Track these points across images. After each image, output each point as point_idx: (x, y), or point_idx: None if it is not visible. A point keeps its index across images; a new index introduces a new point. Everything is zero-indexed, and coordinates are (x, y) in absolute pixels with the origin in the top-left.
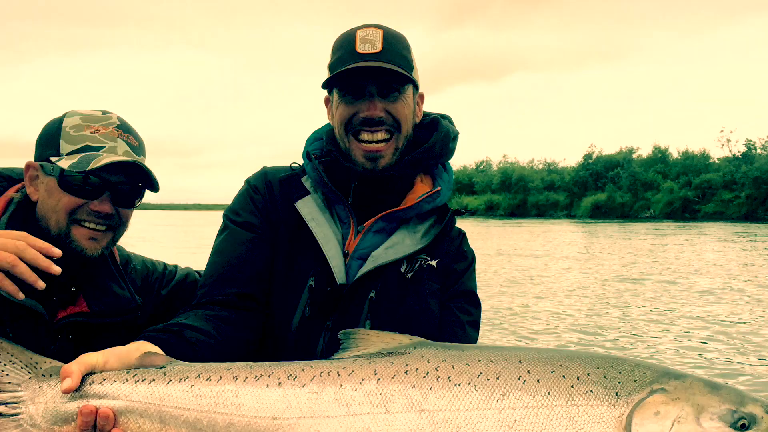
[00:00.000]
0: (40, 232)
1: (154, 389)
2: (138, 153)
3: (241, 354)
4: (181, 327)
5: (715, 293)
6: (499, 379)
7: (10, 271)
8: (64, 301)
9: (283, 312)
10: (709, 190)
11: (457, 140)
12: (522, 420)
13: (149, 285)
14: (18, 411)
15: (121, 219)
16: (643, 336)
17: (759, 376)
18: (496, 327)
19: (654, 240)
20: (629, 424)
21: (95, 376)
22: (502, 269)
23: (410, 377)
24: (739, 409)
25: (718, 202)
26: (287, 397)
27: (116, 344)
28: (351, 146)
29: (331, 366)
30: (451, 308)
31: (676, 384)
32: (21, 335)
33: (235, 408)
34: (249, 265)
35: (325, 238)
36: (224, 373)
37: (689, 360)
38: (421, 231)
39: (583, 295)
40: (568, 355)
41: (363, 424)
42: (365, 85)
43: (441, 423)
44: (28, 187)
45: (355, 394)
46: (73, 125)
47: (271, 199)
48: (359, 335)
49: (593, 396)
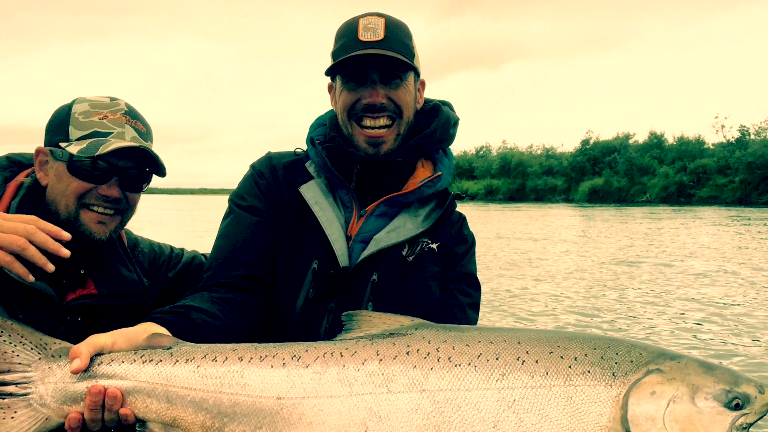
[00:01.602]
0: (49, 216)
1: (161, 370)
2: (145, 138)
3: (246, 335)
4: (187, 309)
5: (710, 276)
6: (498, 359)
7: (21, 254)
8: (73, 284)
9: (287, 294)
10: (704, 175)
11: (458, 126)
12: (521, 399)
13: (156, 268)
14: (28, 391)
15: (129, 203)
16: (639, 317)
17: (752, 356)
18: (496, 309)
19: (650, 224)
20: (626, 404)
21: (103, 356)
22: (502, 252)
23: (412, 358)
24: (733, 389)
25: (712, 187)
26: (291, 378)
27: (124, 326)
28: (354, 132)
29: (334, 347)
30: (452, 290)
31: (672, 364)
32: (31, 317)
33: (240, 388)
34: (254, 248)
35: (328, 221)
36: (230, 353)
37: (684, 341)
38: (422, 215)
39: (580, 277)
40: (566, 336)
41: (365, 404)
42: (368, 72)
43: (442, 402)
44: (38, 172)
45: (358, 374)
46: (82, 111)
47: (276, 183)
48: (362, 317)
49: (591, 376)
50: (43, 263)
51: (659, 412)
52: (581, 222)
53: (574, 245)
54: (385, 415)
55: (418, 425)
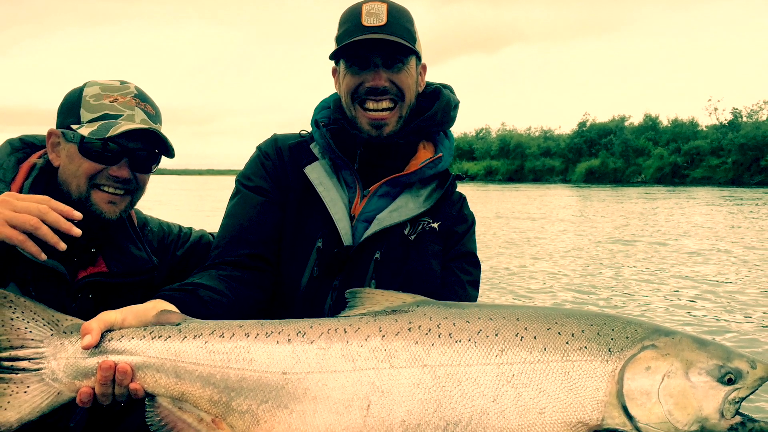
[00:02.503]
0: (61, 196)
1: (170, 345)
2: (154, 121)
3: (252, 312)
4: (195, 286)
5: (703, 254)
6: (497, 335)
7: (34, 233)
8: (85, 262)
9: (293, 272)
10: (698, 156)
11: (458, 109)
12: (519, 374)
13: (165, 246)
14: (40, 366)
15: (139, 183)
16: (634, 295)
17: (744, 333)
18: (495, 286)
19: (645, 204)
20: (621, 379)
21: (114, 332)
22: (501, 231)
23: (413, 334)
24: (725, 364)
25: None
26: (296, 353)
27: (134, 303)
28: (357, 114)
29: (338, 323)
30: (452, 268)
31: (666, 340)
32: (43, 294)
33: (246, 363)
34: (260, 227)
35: (332, 201)
36: (236, 330)
37: (678, 318)
38: (423, 195)
39: (577, 256)
40: (564, 313)
41: (368, 379)
42: (370, 57)
43: (442, 377)
44: (50, 154)
45: (361, 350)
46: (93, 94)
47: (281, 164)
48: (365, 294)
49: (587, 352)
50: (55, 242)
51: (654, 386)
52: (578, 202)
53: (571, 224)
54: (387, 389)
55: (419, 399)
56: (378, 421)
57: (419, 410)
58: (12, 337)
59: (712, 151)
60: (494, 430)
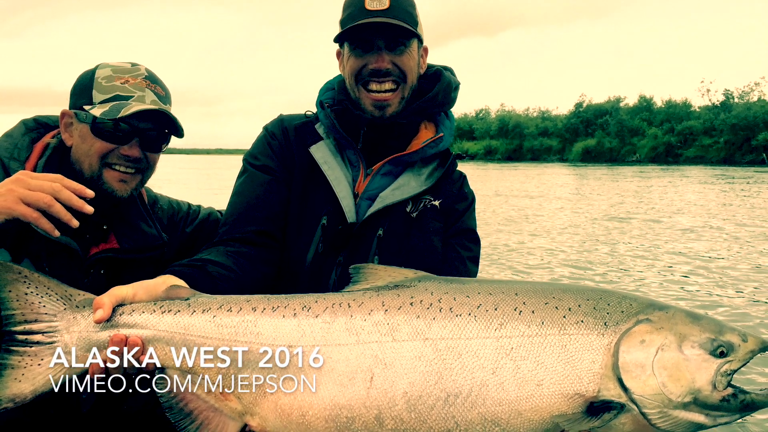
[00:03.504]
0: (74, 174)
1: (179, 319)
2: (164, 102)
3: (259, 287)
4: (204, 262)
5: (696, 231)
6: (497, 310)
7: (47, 210)
8: (97, 239)
9: (298, 248)
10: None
11: (458, 90)
12: (518, 348)
13: (175, 223)
14: (54, 339)
15: (149, 162)
16: (629, 270)
17: (736, 307)
18: (495, 262)
19: (640, 182)
20: (617, 352)
21: (125, 307)
22: (500, 209)
23: (415, 308)
24: (718, 337)
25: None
26: (302, 327)
27: (144, 278)
28: (360, 96)
29: (342, 298)
30: (453, 245)
31: (660, 314)
32: (56, 270)
33: (253, 337)
34: (266, 205)
35: (336, 180)
36: (244, 304)
37: (672, 292)
38: (425, 174)
39: (574, 232)
40: (561, 288)
41: (371, 352)
42: (374, 40)
43: (443, 350)
44: (63, 134)
45: (365, 323)
46: (105, 76)
47: (287, 144)
48: (368, 269)
49: (584, 326)
50: (68, 219)
51: (648, 359)
52: (575, 180)
53: (568, 202)
54: (390, 362)
55: (421, 371)
56: (381, 393)
57: (421, 382)
58: (26, 311)
59: (705, 131)
60: (493, 401)
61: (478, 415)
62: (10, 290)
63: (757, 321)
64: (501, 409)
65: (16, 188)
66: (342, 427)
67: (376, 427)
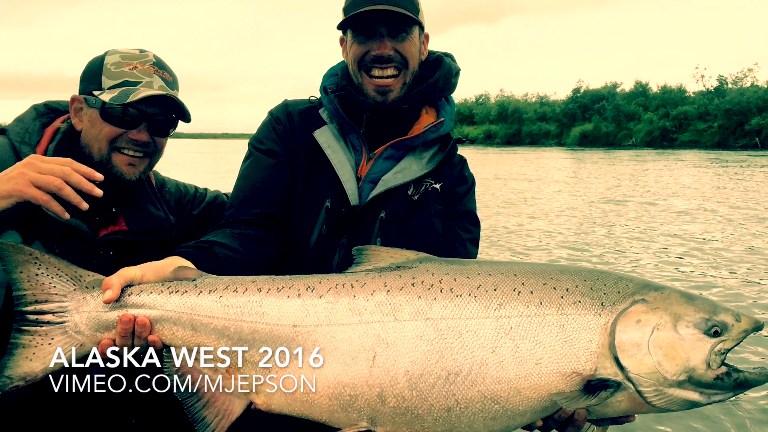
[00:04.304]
0: (83, 158)
1: (186, 300)
2: (172, 87)
3: (264, 268)
4: (210, 244)
5: (691, 213)
6: (496, 290)
7: (58, 193)
8: (106, 221)
9: (302, 230)
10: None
11: (459, 76)
12: (517, 327)
13: (182, 206)
14: (64, 319)
15: (157, 147)
16: (625, 252)
17: (729, 288)
18: (494, 244)
19: (636, 166)
20: (613, 331)
21: (133, 288)
22: (499, 192)
23: (417, 289)
24: (712, 317)
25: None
26: (306, 307)
27: (152, 259)
28: (363, 81)
29: (346, 279)
30: (454, 227)
31: (656, 295)
32: (67, 251)
33: (259, 317)
34: (271, 188)
35: (340, 163)
36: (249, 285)
37: (667, 273)
38: (426, 157)
39: (571, 215)
40: (559, 269)
41: (374, 331)
42: (376, 27)
43: (444, 330)
44: (73, 118)
45: (367, 304)
46: (114, 62)
47: (292, 129)
48: (371, 251)
49: (581, 306)
50: (78, 202)
51: (644, 338)
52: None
53: (565, 185)
54: (392, 341)
55: (422, 351)
56: (383, 371)
57: (422, 361)
58: (37, 291)
59: (699, 116)
60: (493, 379)
61: (477, 393)
62: (22, 271)
63: (750, 301)
64: (500, 387)
65: (27, 171)
66: (345, 405)
67: (379, 404)
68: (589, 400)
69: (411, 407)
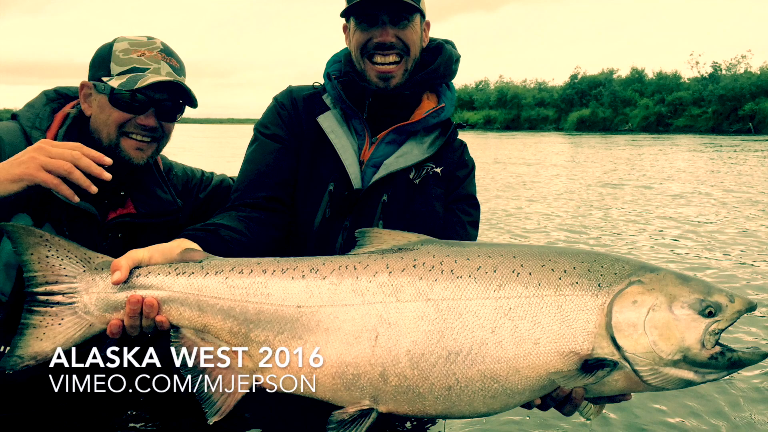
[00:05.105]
0: (92, 143)
1: (193, 281)
2: (179, 73)
3: (269, 250)
4: (216, 226)
5: (686, 197)
6: (495, 272)
7: (67, 177)
8: (114, 204)
9: (306, 213)
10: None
11: (459, 62)
12: (516, 308)
13: (189, 189)
14: (74, 300)
15: (164, 131)
16: (622, 234)
17: (723, 269)
18: (493, 226)
19: (632, 150)
20: (610, 312)
21: (141, 269)
22: (499, 176)
23: (418, 270)
24: (706, 298)
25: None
26: (310, 288)
27: (160, 242)
28: (366, 68)
29: (349, 260)
30: (454, 210)
31: (652, 276)
32: (76, 234)
33: (264, 297)
34: (276, 172)
35: (343, 148)
36: (255, 266)
37: (663, 255)
38: (427, 142)
39: (569, 198)
40: (557, 251)
41: (376, 312)
42: (378, 14)
43: (445, 310)
44: (83, 104)
45: (370, 285)
46: (122, 49)
47: (296, 114)
48: (373, 233)
49: (579, 287)
50: (87, 185)
51: (640, 319)
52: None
53: (563, 169)
54: (394, 321)
55: (423, 331)
56: (385, 351)
57: (423, 341)
58: (47, 273)
59: (694, 102)
60: (492, 359)
61: (477, 372)
62: (32, 253)
63: (744, 282)
64: (500, 367)
65: (37, 156)
66: (348, 384)
67: (381, 383)
68: (587, 379)
69: (412, 386)
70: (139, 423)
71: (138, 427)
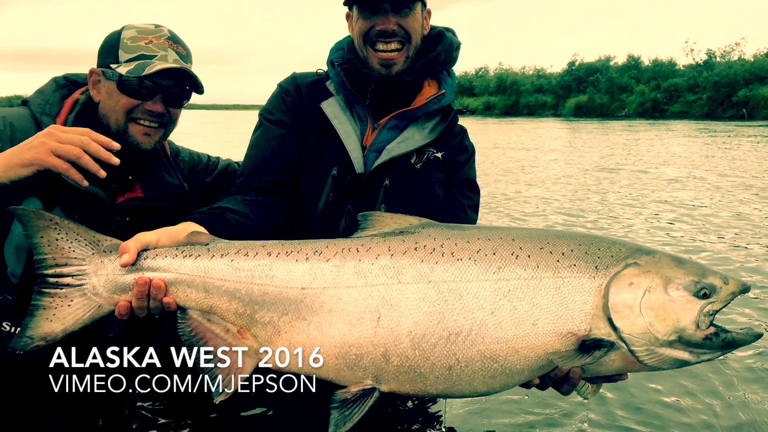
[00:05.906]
0: (101, 128)
1: (200, 263)
2: (186, 60)
3: (274, 233)
4: (222, 210)
5: (681, 181)
6: (495, 254)
7: (77, 162)
8: (122, 188)
9: (310, 197)
10: (676, 92)
11: (459, 50)
12: (515, 290)
13: (195, 174)
14: (83, 282)
15: (171, 117)
16: (618, 218)
17: (718, 252)
18: (493, 210)
19: (628, 135)
20: (607, 293)
21: (149, 252)
22: (498, 160)
23: (419, 253)
24: (701, 280)
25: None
26: (314, 270)
27: (167, 225)
28: (368, 55)
29: (351, 243)
30: (454, 194)
31: (648, 259)
32: (85, 217)
33: (269, 279)
34: (281, 157)
35: (346, 133)
36: (260, 249)
37: (658, 238)
38: (428, 128)
39: (567, 182)
40: (555, 234)
41: (378, 293)
42: (381, 3)
43: (445, 292)
44: (92, 90)
45: (372, 267)
46: (130, 37)
47: (300, 100)
48: (375, 217)
49: (576, 269)
50: (96, 170)
51: (636, 300)
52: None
53: (561, 154)
54: (395, 303)
55: (424, 312)
56: (387, 332)
57: (424, 322)
58: (57, 255)
59: (689, 88)
60: (492, 339)
61: (477, 353)
62: (42, 236)
63: (738, 265)
64: (499, 347)
65: (47, 141)
66: (351, 364)
67: (383, 363)
68: (584, 359)
69: (414, 366)
70: (139, 423)
71: (138, 427)
